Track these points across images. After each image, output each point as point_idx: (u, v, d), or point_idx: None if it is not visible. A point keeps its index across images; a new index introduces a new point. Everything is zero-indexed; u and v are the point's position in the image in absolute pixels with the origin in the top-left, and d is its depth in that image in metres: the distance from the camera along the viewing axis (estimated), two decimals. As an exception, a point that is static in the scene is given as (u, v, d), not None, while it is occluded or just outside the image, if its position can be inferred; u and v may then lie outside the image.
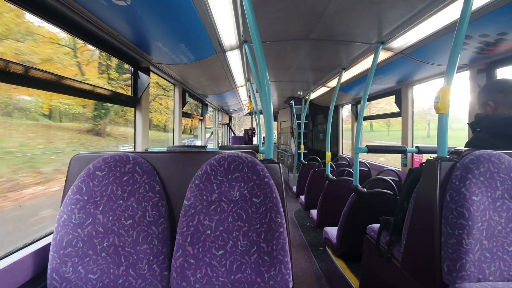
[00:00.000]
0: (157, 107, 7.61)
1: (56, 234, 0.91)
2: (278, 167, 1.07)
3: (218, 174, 0.96)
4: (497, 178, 0.96)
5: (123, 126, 5.52)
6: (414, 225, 1.12)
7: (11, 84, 1.03)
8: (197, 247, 0.91)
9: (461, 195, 0.92)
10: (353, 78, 2.83)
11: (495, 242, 0.93)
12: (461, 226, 0.90)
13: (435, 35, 1.53)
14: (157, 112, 7.64)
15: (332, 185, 2.59)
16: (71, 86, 1.30)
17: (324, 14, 1.44)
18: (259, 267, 0.90)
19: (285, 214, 0.95)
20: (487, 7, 1.18)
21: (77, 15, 1.20)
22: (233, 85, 3.42)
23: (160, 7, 1.19)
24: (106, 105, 4.87)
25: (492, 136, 1.17)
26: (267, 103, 1.21)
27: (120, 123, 5.46)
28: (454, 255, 0.90)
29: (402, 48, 1.84)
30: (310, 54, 2.21)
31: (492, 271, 0.92)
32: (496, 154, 0.97)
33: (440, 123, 1.09)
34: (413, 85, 2.67)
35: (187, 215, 0.93)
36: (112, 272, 0.90)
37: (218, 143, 6.93)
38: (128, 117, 5.30)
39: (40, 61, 3.52)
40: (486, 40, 1.47)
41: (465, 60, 1.83)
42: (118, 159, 0.99)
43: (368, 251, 1.52)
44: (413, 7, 1.30)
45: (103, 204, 0.95)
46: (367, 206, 1.88)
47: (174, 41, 1.61)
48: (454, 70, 1.06)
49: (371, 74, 1.90)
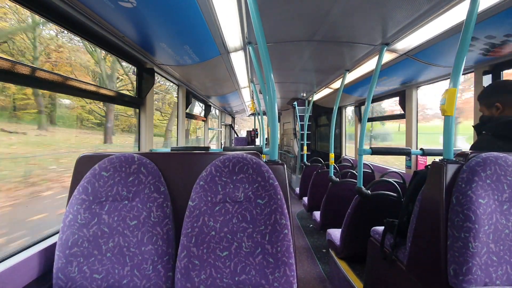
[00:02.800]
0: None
1: (62, 234, 0.92)
2: (283, 168, 1.07)
3: (222, 175, 0.97)
4: (504, 181, 0.95)
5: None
6: (420, 227, 1.11)
7: (16, 85, 1.04)
8: (201, 248, 0.91)
9: (468, 198, 0.92)
10: (357, 79, 2.82)
11: (502, 245, 0.92)
12: (468, 229, 0.89)
13: (440, 36, 1.52)
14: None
15: (335, 186, 2.58)
16: (76, 87, 1.31)
17: (329, 15, 1.44)
18: (263, 269, 0.89)
19: (289, 216, 0.95)
20: (494, 8, 1.17)
21: (84, 16, 1.22)
22: (237, 86, 3.43)
23: (165, 8, 1.20)
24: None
25: (498, 139, 1.15)
26: (272, 104, 1.21)
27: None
28: (461, 258, 0.89)
29: (407, 50, 1.83)
30: (313, 56, 2.21)
31: (499, 275, 0.90)
32: (503, 157, 0.96)
33: (446, 125, 1.08)
34: (417, 87, 2.66)
35: (191, 216, 0.93)
36: (117, 273, 0.91)
37: (221, 145, 6.93)
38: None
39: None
40: (492, 41, 1.46)
41: (471, 62, 1.81)
42: (123, 160, 1.00)
43: (372, 253, 1.51)
44: (418, 8, 1.29)
45: (108, 205, 0.96)
46: (371, 208, 1.87)
47: (179, 42, 1.62)
48: (460, 72, 1.05)
49: (375, 76, 1.89)
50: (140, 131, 2.05)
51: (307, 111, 4.41)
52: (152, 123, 2.08)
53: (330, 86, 3.41)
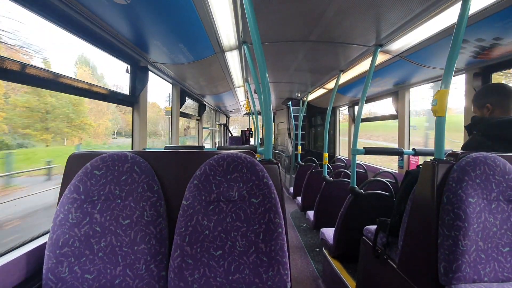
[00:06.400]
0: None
1: (52, 233, 0.90)
2: (277, 167, 1.07)
3: (217, 174, 0.96)
4: (492, 180, 0.97)
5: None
6: (411, 226, 1.13)
7: (8, 82, 1.02)
8: (195, 247, 0.90)
9: (458, 197, 0.93)
10: (350, 80, 2.85)
11: (490, 243, 0.95)
12: (458, 228, 0.91)
13: (433, 38, 1.55)
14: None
15: (329, 186, 2.60)
16: (68, 84, 1.29)
17: (323, 16, 1.45)
18: (257, 268, 0.89)
19: (283, 215, 0.95)
20: (483, 12, 1.20)
21: (76, 13, 1.19)
22: (231, 86, 3.42)
23: (160, 6, 1.19)
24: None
25: (488, 139, 1.18)
26: (267, 104, 1.21)
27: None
28: (451, 256, 0.91)
29: (400, 51, 1.86)
30: (308, 56, 2.22)
31: (487, 272, 0.93)
32: (492, 157, 0.99)
33: (438, 125, 1.10)
34: (409, 88, 2.70)
35: (185, 215, 0.92)
36: (109, 272, 0.90)
37: (215, 144, 6.91)
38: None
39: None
40: (482, 44, 1.49)
41: (462, 64, 1.85)
42: (116, 158, 0.99)
43: (365, 252, 1.53)
44: (411, 10, 1.31)
45: (101, 204, 0.94)
46: (363, 207, 1.89)
47: (173, 40, 1.60)
48: (451, 73, 1.07)
49: (369, 77, 1.91)
50: (133, 129, 2.02)
51: (301, 111, 4.43)
52: (145, 121, 2.06)
53: (324, 86, 3.43)
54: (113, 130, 7.72)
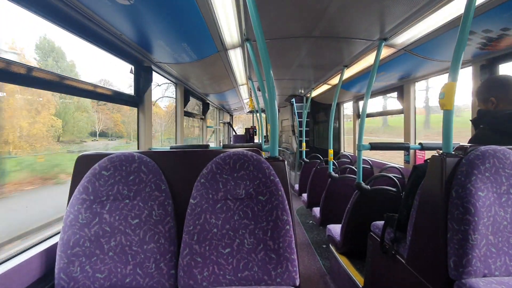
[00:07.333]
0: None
1: (63, 234, 0.92)
2: (284, 164, 1.07)
3: (223, 173, 0.97)
4: (502, 174, 0.96)
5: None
6: (419, 221, 1.12)
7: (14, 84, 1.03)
8: (203, 246, 0.91)
9: (467, 191, 0.92)
10: (355, 75, 2.82)
11: (500, 237, 0.93)
12: (467, 222, 0.90)
13: (438, 31, 1.52)
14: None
15: (334, 182, 2.60)
16: (73, 86, 1.30)
17: (326, 11, 1.44)
18: (266, 265, 0.90)
19: (291, 212, 0.96)
20: (490, 2, 1.17)
21: (80, 14, 1.20)
22: (235, 84, 3.42)
23: (163, 6, 1.19)
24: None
25: (495, 133, 1.17)
26: (272, 101, 1.20)
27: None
28: (460, 250, 0.90)
29: (405, 45, 1.83)
30: (311, 52, 2.21)
31: (497, 266, 0.92)
32: (501, 150, 0.97)
33: (445, 119, 1.08)
34: (415, 82, 2.66)
35: (193, 213, 0.93)
36: (120, 271, 0.91)
37: (219, 142, 6.93)
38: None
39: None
40: (489, 35, 1.46)
41: (468, 56, 1.82)
42: (123, 159, 1.00)
43: (373, 248, 1.52)
44: (416, 3, 1.29)
45: (110, 204, 0.96)
46: (370, 203, 1.88)
47: (176, 40, 1.61)
48: (458, 66, 1.06)
49: (374, 71, 1.89)
50: (139, 129, 2.04)
51: (305, 107, 4.41)
52: (150, 121, 2.07)
53: (328, 82, 3.41)
54: (91, 130, 7.65)
